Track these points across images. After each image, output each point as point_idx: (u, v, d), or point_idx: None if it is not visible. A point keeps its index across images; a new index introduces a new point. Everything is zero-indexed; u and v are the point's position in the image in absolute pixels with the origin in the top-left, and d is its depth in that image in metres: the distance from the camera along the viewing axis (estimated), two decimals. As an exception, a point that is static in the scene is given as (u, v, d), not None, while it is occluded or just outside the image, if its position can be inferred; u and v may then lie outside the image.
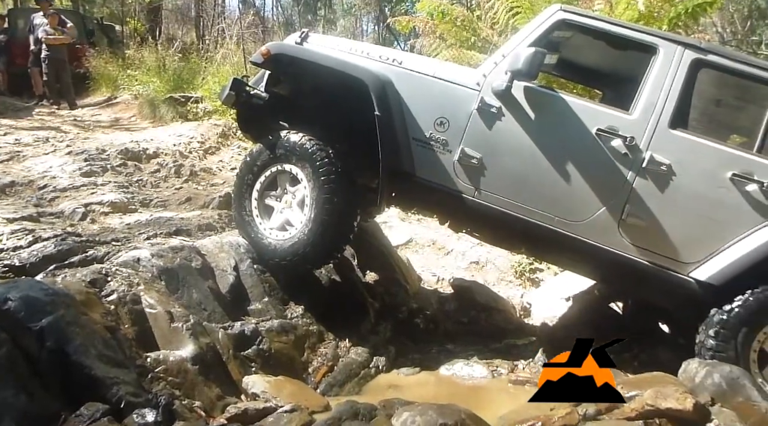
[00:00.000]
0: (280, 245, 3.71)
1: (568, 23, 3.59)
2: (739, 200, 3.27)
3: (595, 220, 3.40)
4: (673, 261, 3.35)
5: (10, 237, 3.52)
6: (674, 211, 3.35)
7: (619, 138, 3.37)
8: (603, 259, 3.43)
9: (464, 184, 3.53)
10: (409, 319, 4.64)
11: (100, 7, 21.10)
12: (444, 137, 3.54)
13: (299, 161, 3.67)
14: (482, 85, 3.53)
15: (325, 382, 3.44)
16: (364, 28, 29.45)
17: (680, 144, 3.36)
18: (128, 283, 3.02)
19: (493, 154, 3.50)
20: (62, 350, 2.35)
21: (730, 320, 3.25)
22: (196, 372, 2.79)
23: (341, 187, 3.58)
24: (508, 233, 3.69)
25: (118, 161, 6.41)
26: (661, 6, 7.22)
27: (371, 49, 3.89)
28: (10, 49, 13.11)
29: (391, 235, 6.29)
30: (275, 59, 3.76)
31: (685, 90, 3.39)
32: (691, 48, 3.44)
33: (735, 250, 3.26)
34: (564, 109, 3.46)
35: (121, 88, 11.86)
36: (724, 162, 3.30)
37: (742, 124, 3.51)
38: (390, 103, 3.51)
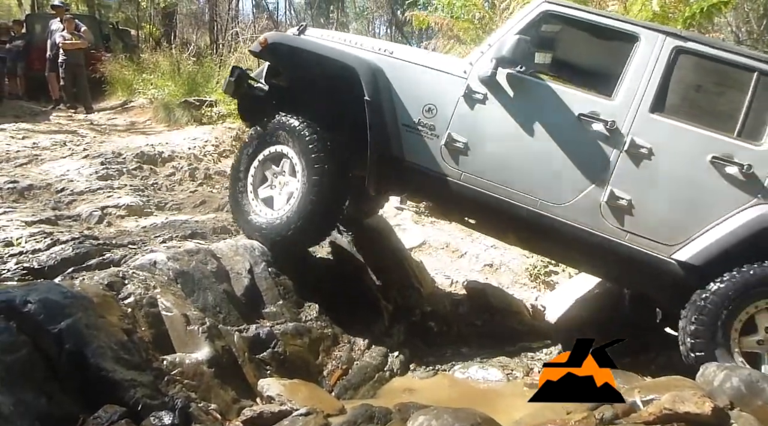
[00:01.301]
0: (270, 224, 3.82)
1: (552, 14, 3.69)
2: (720, 182, 3.32)
3: (578, 202, 3.47)
4: (655, 243, 3.39)
5: (28, 240, 3.57)
6: (656, 194, 3.40)
7: (601, 122, 3.44)
8: (587, 243, 3.48)
9: (450, 168, 3.62)
10: (423, 321, 4.63)
11: (115, 12, 21.32)
12: (432, 123, 3.65)
13: (291, 142, 3.79)
14: (469, 73, 3.64)
15: (339, 385, 3.44)
16: (376, 31, 29.49)
17: (661, 128, 3.42)
18: (145, 286, 3.04)
19: (478, 139, 3.60)
20: (80, 353, 2.37)
21: (710, 302, 3.26)
22: (212, 375, 2.80)
23: (331, 168, 3.68)
24: (493, 217, 3.76)
25: (133, 165, 6.48)
26: (675, 6, 7.17)
27: (364, 41, 4.03)
28: (27, 54, 13.28)
29: (405, 238, 6.29)
30: (273, 49, 3.91)
31: (666, 76, 3.46)
32: (671, 36, 3.53)
33: (716, 231, 3.30)
34: (547, 94, 3.56)
35: (136, 92, 11.97)
36: (704, 145, 3.35)
37: (722, 108, 3.54)
38: (380, 90, 3.62)
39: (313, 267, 4.14)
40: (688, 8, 7.15)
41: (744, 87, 3.41)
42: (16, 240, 3.55)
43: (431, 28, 9.65)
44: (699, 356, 3.22)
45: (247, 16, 23.86)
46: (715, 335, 3.23)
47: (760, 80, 3.38)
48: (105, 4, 22.24)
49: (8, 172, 5.67)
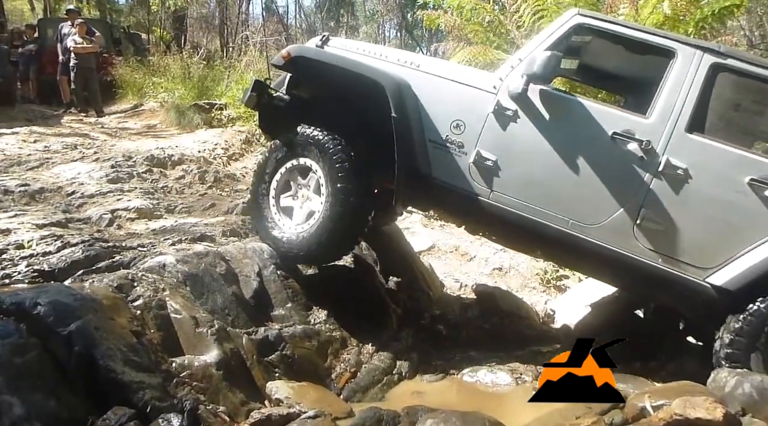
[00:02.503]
0: (294, 238, 3.77)
1: (586, 27, 3.61)
2: (758, 205, 3.22)
3: (610, 223, 3.39)
4: (689, 266, 3.31)
5: (39, 242, 3.59)
6: (691, 216, 3.31)
7: (635, 141, 3.35)
8: (618, 263, 3.41)
9: (479, 186, 3.55)
10: (432, 325, 4.62)
11: (126, 16, 21.48)
12: (460, 139, 3.56)
13: (315, 155, 3.73)
14: (498, 89, 3.55)
15: (348, 389, 3.44)
16: (386, 35, 29.54)
17: (697, 148, 3.33)
18: (154, 288, 3.05)
19: (509, 157, 3.51)
20: (90, 355, 2.38)
21: (746, 327, 3.19)
22: (221, 377, 2.80)
23: (355, 183, 3.62)
24: (522, 236, 3.67)
25: (143, 168, 6.51)
26: (686, 9, 7.13)
27: (390, 53, 3.94)
28: (40, 58, 13.40)
29: (414, 241, 6.28)
30: (296, 62, 3.82)
31: (703, 94, 3.36)
32: (709, 52, 3.40)
33: (752, 255, 3.21)
34: (579, 112, 3.46)
35: (147, 95, 12.05)
36: (742, 166, 3.26)
37: (761, 128, 3.47)
38: (407, 106, 3.54)
39: (322, 270, 4.14)
40: (700, 11, 7.11)
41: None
42: (27, 242, 3.57)
43: (441, 30, 9.64)
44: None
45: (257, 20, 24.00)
46: (750, 359, 3.16)
47: None
48: (116, 8, 22.45)
49: (20, 175, 5.72)
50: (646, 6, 7.24)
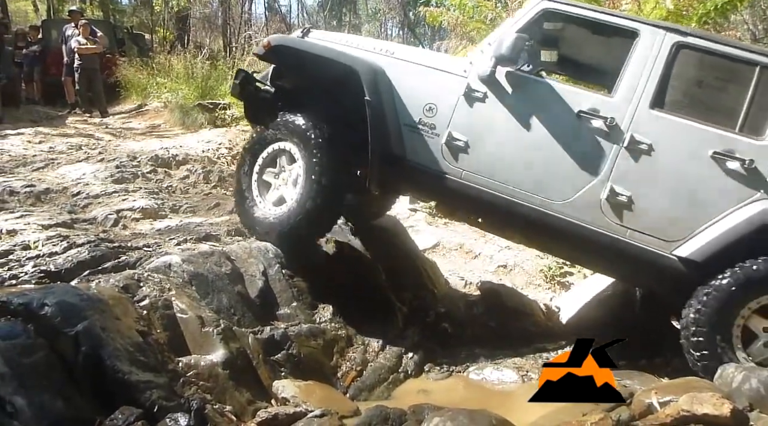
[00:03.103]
0: (273, 219, 3.89)
1: (552, 12, 3.71)
2: (721, 178, 3.29)
3: (578, 199, 3.47)
4: (655, 239, 3.37)
5: (45, 243, 3.60)
6: (656, 190, 3.39)
7: (601, 119, 3.44)
8: (587, 239, 3.47)
9: (451, 166, 3.64)
10: (437, 323, 4.62)
11: (129, 17, 21.51)
12: (432, 122, 3.67)
13: (293, 139, 3.86)
14: (469, 72, 3.66)
15: (354, 387, 3.44)
16: (389, 33, 29.52)
17: (661, 124, 3.41)
18: (160, 288, 3.06)
19: (479, 137, 3.62)
20: (97, 355, 2.39)
21: (711, 298, 3.23)
22: (227, 376, 2.81)
23: (330, 166, 3.72)
24: (493, 214, 3.77)
25: (148, 168, 6.53)
26: (689, 4, 7.09)
27: (366, 42, 4.10)
28: (44, 59, 13.44)
29: (419, 239, 6.27)
30: (276, 51, 3.98)
31: (666, 71, 3.45)
32: (672, 31, 3.52)
33: (717, 227, 3.26)
34: (546, 92, 3.58)
35: (150, 95, 12.07)
36: (704, 140, 3.33)
37: (723, 103, 3.52)
38: (381, 90, 3.66)
39: (327, 268, 4.15)
40: (702, 5, 7.07)
41: (746, 81, 3.38)
42: (33, 243, 3.59)
43: (443, 28, 9.62)
44: (702, 353, 3.21)
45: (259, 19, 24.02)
46: (716, 331, 3.21)
47: (763, 74, 3.34)
48: (119, 9, 22.49)
49: (25, 176, 5.74)
50: (649, 1, 7.20)
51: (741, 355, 3.19)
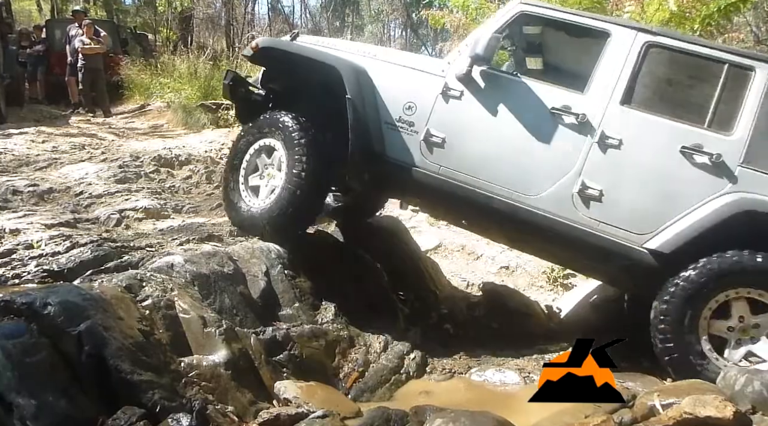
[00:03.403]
0: (256, 212, 4.02)
1: (528, 14, 3.86)
2: (690, 171, 3.37)
3: (551, 193, 3.55)
4: (626, 232, 3.44)
5: (48, 242, 3.61)
6: (627, 184, 3.47)
7: (572, 115, 3.55)
8: (559, 232, 3.54)
9: (429, 162, 3.75)
10: (439, 324, 4.62)
11: (133, 17, 21.56)
12: (412, 120, 3.80)
13: (278, 135, 3.98)
14: (447, 72, 3.79)
15: (356, 388, 3.44)
16: (391, 34, 29.54)
17: (631, 120, 3.51)
18: (162, 288, 3.06)
19: (455, 134, 3.73)
20: (99, 355, 2.39)
21: (679, 289, 3.27)
22: (229, 377, 2.81)
23: (312, 160, 3.83)
24: (470, 209, 3.85)
25: (151, 168, 6.53)
26: (692, 5, 7.08)
27: (350, 45, 4.30)
28: (47, 59, 13.47)
29: (421, 240, 6.28)
30: (264, 53, 4.14)
31: (636, 69, 3.55)
32: (642, 31, 3.66)
33: (686, 219, 3.33)
34: (520, 90, 3.71)
35: (153, 95, 12.09)
36: (673, 135, 3.42)
37: (693, 100, 3.61)
38: (363, 89, 3.78)
39: (330, 269, 4.14)
40: (706, 7, 7.06)
41: (714, 79, 3.48)
42: (36, 243, 3.59)
43: (446, 30, 9.61)
44: (667, 346, 3.27)
45: (263, 20, 24.06)
46: (682, 323, 3.25)
47: (730, 72, 3.44)
48: (123, 9, 22.54)
49: (28, 175, 5.75)
50: (652, 3, 7.20)
51: (707, 346, 3.24)
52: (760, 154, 3.32)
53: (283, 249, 3.96)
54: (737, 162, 3.33)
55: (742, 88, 3.43)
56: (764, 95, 3.39)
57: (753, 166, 3.32)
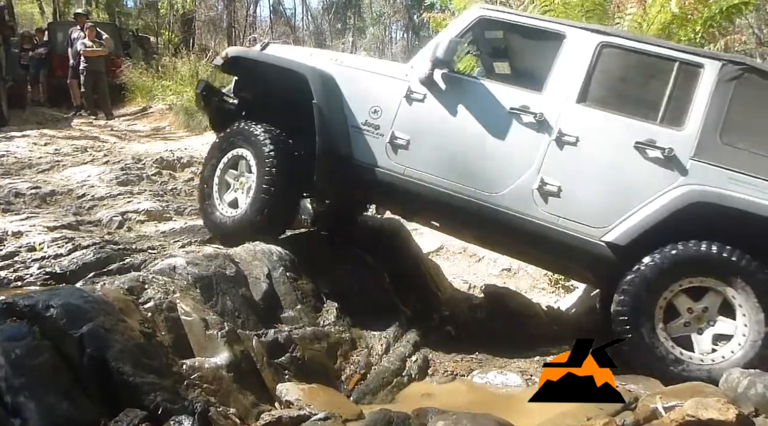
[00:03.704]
0: (229, 220, 4.11)
1: (488, 19, 4.02)
2: (644, 166, 3.49)
3: (512, 190, 3.66)
4: (585, 226, 3.54)
5: (51, 245, 3.62)
6: (584, 179, 3.59)
7: (531, 114, 3.66)
8: (521, 229, 3.65)
9: (394, 163, 3.86)
10: (441, 326, 4.61)
11: (135, 20, 21.59)
12: (377, 123, 3.92)
13: (248, 144, 4.09)
14: (410, 76, 3.92)
15: (358, 390, 3.43)
16: (393, 36, 29.58)
17: (587, 117, 3.63)
18: (164, 290, 3.05)
19: (419, 135, 3.85)
20: (102, 357, 2.38)
21: (633, 282, 3.37)
22: (231, 379, 2.80)
23: (281, 166, 3.94)
24: (435, 209, 3.95)
25: (153, 170, 6.55)
26: (694, 7, 7.08)
27: (319, 52, 4.46)
28: (50, 62, 13.50)
29: (422, 242, 6.28)
30: (234, 62, 4.27)
31: (591, 69, 3.67)
32: (596, 32, 3.79)
33: (640, 212, 3.43)
34: (479, 91, 3.84)
35: (155, 98, 12.11)
36: (627, 132, 3.54)
37: (646, 97, 3.74)
38: (329, 95, 3.90)
39: (331, 271, 4.15)
40: (708, 9, 7.06)
41: (666, 76, 3.60)
42: (39, 245, 3.60)
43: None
44: (624, 331, 3.32)
45: (264, 22, 24.09)
46: (639, 315, 3.34)
47: (681, 69, 3.57)
48: (125, 12, 22.56)
49: (30, 177, 5.77)
50: (654, 5, 7.20)
51: (662, 334, 3.33)
52: (710, 148, 3.43)
53: (285, 251, 3.97)
54: (689, 155, 3.44)
55: (693, 85, 3.55)
56: (713, 90, 3.50)
57: (704, 159, 3.42)
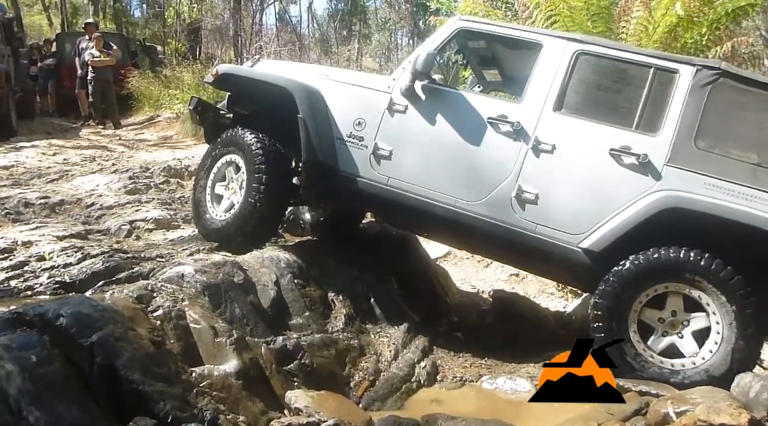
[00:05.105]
0: (219, 224, 4.21)
1: (467, 30, 4.11)
2: (619, 172, 3.51)
3: (491, 198, 3.72)
4: (562, 233, 3.58)
5: (60, 254, 3.64)
6: (560, 186, 3.63)
7: (508, 123, 3.72)
8: (501, 236, 3.71)
9: (378, 174, 3.94)
10: (450, 331, 4.60)
11: (142, 29, 21.77)
12: (361, 135, 4.00)
13: (239, 152, 4.20)
14: (392, 88, 4.00)
15: (366, 397, 3.43)
16: (399, 42, 29.65)
17: (563, 125, 3.68)
18: (173, 298, 3.07)
19: (401, 146, 3.92)
20: (111, 365, 2.40)
21: (610, 284, 3.39)
22: (240, 387, 2.81)
23: (270, 174, 4.04)
24: (418, 218, 4.02)
25: (161, 179, 6.58)
26: (700, 9, 7.06)
27: (306, 68, 4.65)
28: (58, 72, 13.63)
29: (430, 248, 6.27)
30: (224, 79, 4.43)
31: (568, 77, 3.71)
32: (573, 41, 3.82)
33: (615, 219, 3.46)
34: (458, 102, 3.91)
35: (162, 106, 12.18)
36: (603, 139, 3.57)
37: (621, 104, 3.77)
38: (315, 108, 4.00)
39: (339, 277, 4.15)
40: (713, 11, 7.04)
41: (641, 82, 3.62)
42: (48, 254, 3.62)
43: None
44: (600, 337, 3.31)
45: (270, 30, 24.20)
46: (613, 319, 3.36)
47: (656, 75, 3.60)
48: (132, 22, 22.77)
49: (40, 187, 5.80)
50: (659, 8, 7.18)
51: (635, 338, 3.35)
52: (684, 153, 3.44)
53: (292, 258, 3.99)
54: (663, 161, 3.46)
55: (668, 91, 3.56)
56: (688, 96, 3.51)
57: (678, 165, 3.44)
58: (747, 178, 3.33)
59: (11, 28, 11.55)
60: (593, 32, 7.24)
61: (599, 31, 7.38)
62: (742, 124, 3.56)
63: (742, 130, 3.54)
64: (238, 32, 18.48)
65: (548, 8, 7.61)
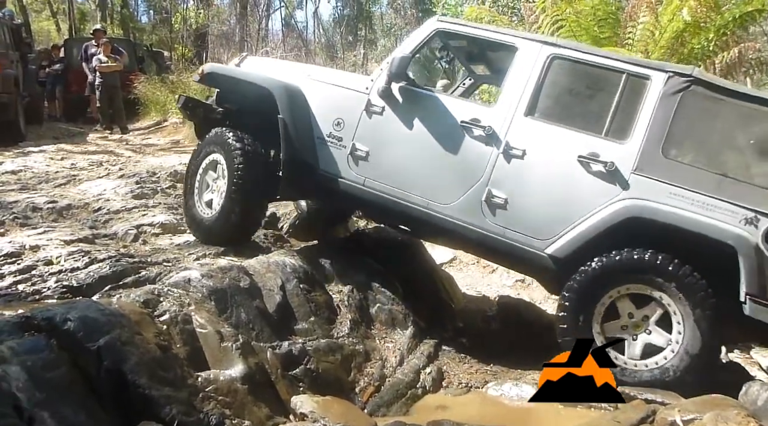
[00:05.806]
0: (206, 220, 4.32)
1: (444, 32, 4.14)
2: (587, 179, 3.49)
3: (462, 202, 3.73)
4: (530, 238, 3.59)
5: (67, 258, 3.65)
6: (529, 192, 3.63)
7: (480, 128, 3.71)
8: (472, 239, 3.76)
9: (355, 174, 3.98)
10: (455, 337, 4.59)
11: (149, 35, 21.90)
12: (340, 135, 4.04)
13: (221, 150, 4.26)
14: (370, 89, 4.02)
15: (372, 402, 3.42)
16: (404, 47, 29.58)
17: (534, 130, 3.66)
18: (179, 303, 3.08)
19: (377, 146, 3.97)
20: (118, 369, 2.41)
21: (571, 289, 3.41)
22: (246, 391, 2.81)
23: (249, 172, 4.08)
24: (394, 218, 4.10)
25: (167, 183, 6.60)
26: (707, 15, 7.06)
27: (290, 66, 4.68)
28: (66, 78, 13.71)
29: (436, 253, 6.26)
30: (209, 77, 4.54)
31: (541, 81, 3.68)
32: (547, 44, 3.79)
33: (580, 226, 3.45)
34: (433, 104, 3.92)
35: (169, 112, 12.23)
36: (572, 145, 3.54)
37: (592, 110, 3.74)
38: (296, 108, 4.04)
39: (345, 283, 4.15)
40: (721, 17, 7.03)
41: (613, 88, 3.58)
42: (56, 259, 3.64)
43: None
44: (565, 341, 3.34)
45: (276, 35, 24.31)
46: (577, 321, 3.38)
47: (628, 81, 3.55)
48: (139, 27, 22.91)
49: (47, 192, 5.83)
50: (666, 13, 7.19)
51: (600, 339, 3.34)
52: (652, 162, 3.41)
53: (298, 262, 4.00)
54: (630, 169, 3.42)
55: (639, 97, 3.51)
56: (658, 103, 3.45)
57: (645, 174, 3.40)
58: (712, 189, 3.28)
59: (20, 34, 11.64)
60: (600, 37, 7.25)
61: (606, 36, 7.39)
62: (712, 132, 3.51)
63: (711, 139, 3.51)
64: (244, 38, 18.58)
65: (554, 13, 7.63)
